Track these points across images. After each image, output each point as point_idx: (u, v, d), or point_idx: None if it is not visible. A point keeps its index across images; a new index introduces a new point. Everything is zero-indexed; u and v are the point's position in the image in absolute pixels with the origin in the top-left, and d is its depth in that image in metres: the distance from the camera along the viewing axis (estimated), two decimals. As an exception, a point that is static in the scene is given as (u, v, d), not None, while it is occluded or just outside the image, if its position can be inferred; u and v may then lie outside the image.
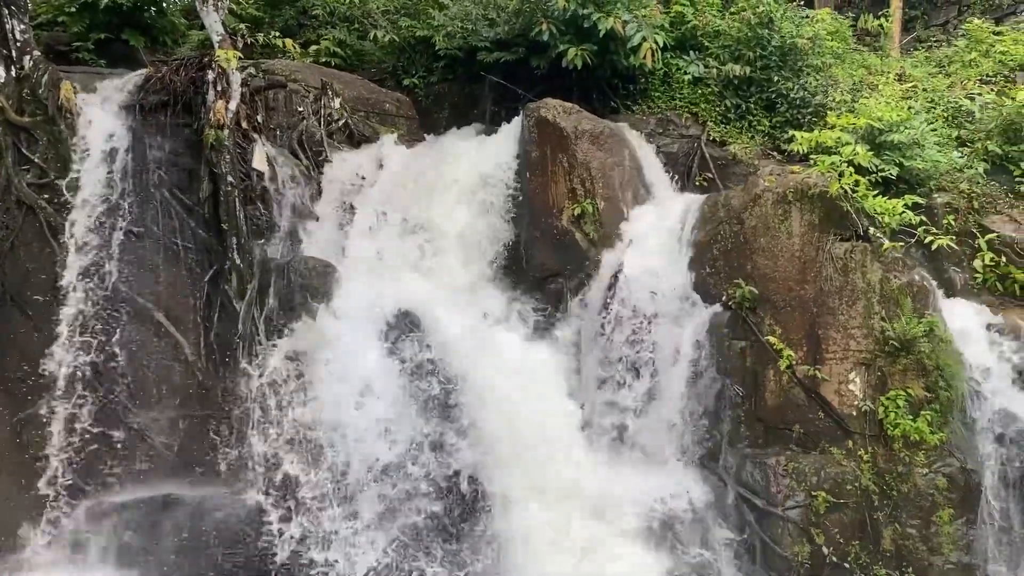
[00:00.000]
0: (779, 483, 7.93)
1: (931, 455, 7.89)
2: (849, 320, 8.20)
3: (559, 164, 9.49)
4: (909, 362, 8.04)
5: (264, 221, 9.13)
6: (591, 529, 7.55)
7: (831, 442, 8.08)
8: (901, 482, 7.83)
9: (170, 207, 8.93)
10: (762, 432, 8.29)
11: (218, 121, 8.80)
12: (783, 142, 10.68)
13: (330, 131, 10.13)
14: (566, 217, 9.44)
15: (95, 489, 8.30)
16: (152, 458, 8.43)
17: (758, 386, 8.32)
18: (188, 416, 8.57)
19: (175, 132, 9.10)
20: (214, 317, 8.73)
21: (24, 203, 8.53)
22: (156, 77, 9.09)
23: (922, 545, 7.73)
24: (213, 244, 8.90)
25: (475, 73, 11.58)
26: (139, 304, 8.62)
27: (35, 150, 8.69)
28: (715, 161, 10.74)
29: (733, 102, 11.24)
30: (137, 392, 8.51)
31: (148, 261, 8.76)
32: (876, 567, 7.70)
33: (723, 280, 8.61)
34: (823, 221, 8.42)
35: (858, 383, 8.11)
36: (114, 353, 8.46)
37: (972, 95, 11.35)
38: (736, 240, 8.61)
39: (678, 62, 11.54)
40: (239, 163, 9.02)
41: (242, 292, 8.57)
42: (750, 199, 8.65)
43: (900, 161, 9.61)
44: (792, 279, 8.39)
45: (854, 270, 8.26)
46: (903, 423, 7.88)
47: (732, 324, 8.45)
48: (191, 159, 9.08)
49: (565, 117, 9.60)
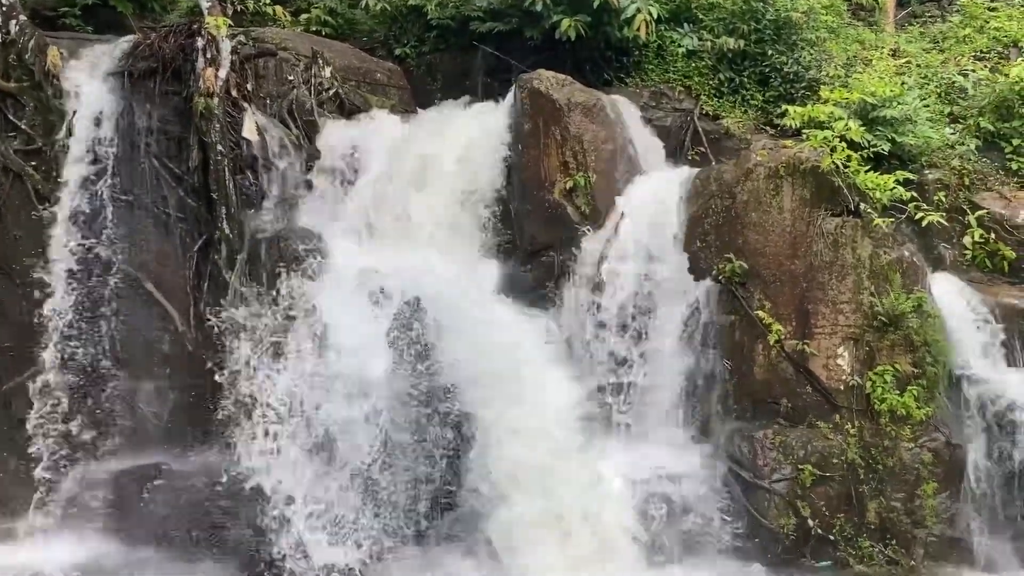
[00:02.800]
0: (766, 456, 8.00)
1: (917, 430, 7.97)
2: (838, 295, 8.23)
3: (551, 137, 9.43)
4: (897, 337, 8.09)
5: (254, 191, 9.06)
6: (580, 498, 7.58)
7: (818, 416, 8.14)
8: (887, 456, 7.91)
9: (159, 176, 8.86)
10: (750, 406, 8.35)
11: (207, 89, 8.71)
12: (776, 116, 10.65)
13: (321, 100, 10.03)
14: (558, 190, 9.40)
15: (85, 458, 8.31)
16: (141, 427, 8.45)
17: (747, 360, 8.37)
18: (177, 386, 8.58)
19: (164, 100, 8.99)
20: (203, 287, 8.70)
21: (11, 170, 8.45)
22: (144, 44, 8.95)
23: (906, 518, 7.83)
24: (202, 213, 8.84)
25: (468, 43, 11.47)
26: (128, 273, 8.59)
27: (22, 116, 8.59)
28: (708, 135, 10.70)
29: (727, 76, 11.18)
30: (126, 361, 8.51)
31: (137, 230, 8.70)
32: (860, 539, 7.80)
33: (714, 255, 8.62)
34: (814, 196, 8.43)
35: (846, 358, 8.16)
36: (103, 322, 8.44)
37: (965, 71, 11.34)
38: (728, 215, 8.61)
39: (672, 35, 11.46)
40: (229, 132, 8.94)
41: (231, 262, 8.53)
42: (742, 173, 8.65)
43: (892, 137, 9.60)
44: (783, 254, 8.40)
45: (844, 245, 8.28)
46: (890, 398, 7.95)
47: (722, 299, 8.47)
48: (180, 127, 8.98)
49: (558, 89, 9.54)
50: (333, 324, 7.81)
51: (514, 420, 7.59)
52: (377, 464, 7.46)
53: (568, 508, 7.44)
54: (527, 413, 7.70)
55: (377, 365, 7.66)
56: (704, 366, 8.38)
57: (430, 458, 7.63)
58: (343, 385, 7.58)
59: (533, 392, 7.84)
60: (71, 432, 8.31)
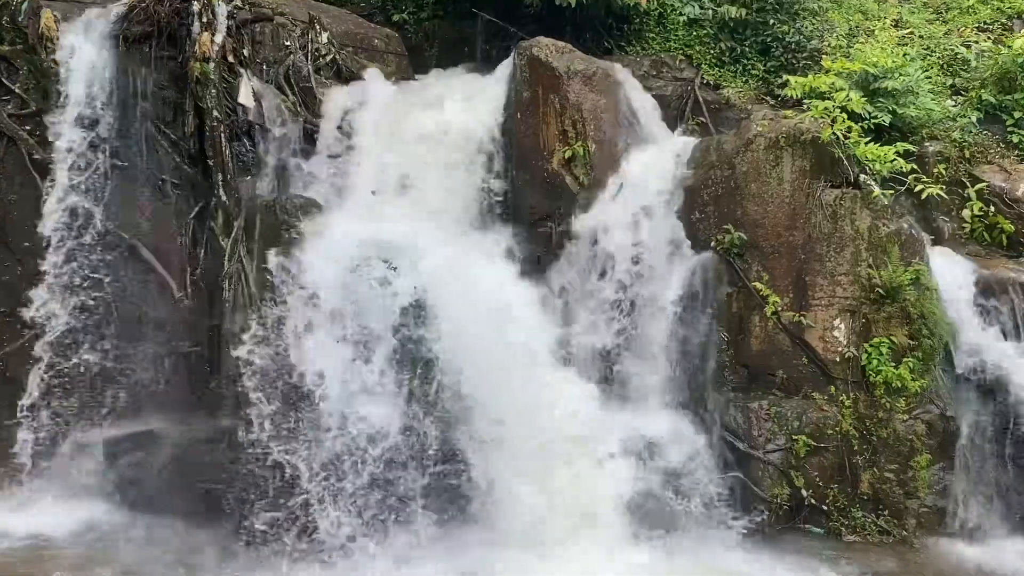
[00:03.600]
0: (761, 427, 8.04)
1: (911, 402, 8.01)
2: (836, 267, 8.23)
3: (550, 105, 9.36)
4: (894, 310, 8.10)
5: (250, 157, 9.01)
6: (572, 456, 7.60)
7: (814, 387, 8.17)
8: (881, 427, 7.95)
9: (155, 141, 8.79)
10: (746, 377, 8.38)
11: (203, 54, 8.62)
12: (777, 87, 10.59)
13: (318, 67, 9.93)
14: (556, 160, 9.35)
15: (82, 424, 8.34)
16: (138, 393, 8.46)
17: (743, 331, 8.38)
18: (174, 352, 8.59)
19: (159, 64, 8.91)
20: (200, 253, 8.68)
21: (5, 134, 8.38)
22: (140, 7, 8.82)
23: (899, 489, 7.89)
24: (199, 180, 8.80)
25: (467, 10, 11.35)
26: (124, 239, 8.55)
27: (15, 80, 8.51)
28: (708, 105, 10.63)
29: (728, 45, 11.10)
30: (123, 327, 8.49)
31: (133, 196, 8.65)
32: (853, 509, 7.86)
33: (713, 225, 8.59)
34: (814, 167, 8.39)
35: (843, 330, 8.18)
36: (99, 288, 8.42)
37: (968, 43, 11.26)
38: (727, 185, 8.58)
39: (673, 2, 11.37)
40: (225, 97, 8.87)
41: (227, 229, 8.49)
42: (742, 144, 8.60)
43: (893, 108, 9.56)
44: (781, 225, 8.38)
45: (843, 217, 8.26)
46: (885, 370, 7.98)
47: (720, 270, 8.46)
48: (176, 92, 8.91)
49: (558, 57, 9.45)
50: (330, 292, 7.78)
51: (507, 396, 7.59)
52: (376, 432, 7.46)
53: (559, 476, 7.46)
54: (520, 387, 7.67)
55: (376, 334, 7.63)
56: (700, 337, 8.38)
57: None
58: (341, 352, 7.56)
59: (528, 363, 7.82)
60: (66, 398, 8.32)
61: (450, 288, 7.83)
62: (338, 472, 7.25)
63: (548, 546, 7.11)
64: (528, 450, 7.40)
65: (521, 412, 7.50)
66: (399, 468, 7.39)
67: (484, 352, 7.63)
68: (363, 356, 7.58)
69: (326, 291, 7.68)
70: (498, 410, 7.50)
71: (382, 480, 7.31)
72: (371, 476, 7.29)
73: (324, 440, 7.29)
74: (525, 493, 7.28)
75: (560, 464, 7.50)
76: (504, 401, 7.50)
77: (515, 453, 7.42)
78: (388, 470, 7.34)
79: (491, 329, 7.66)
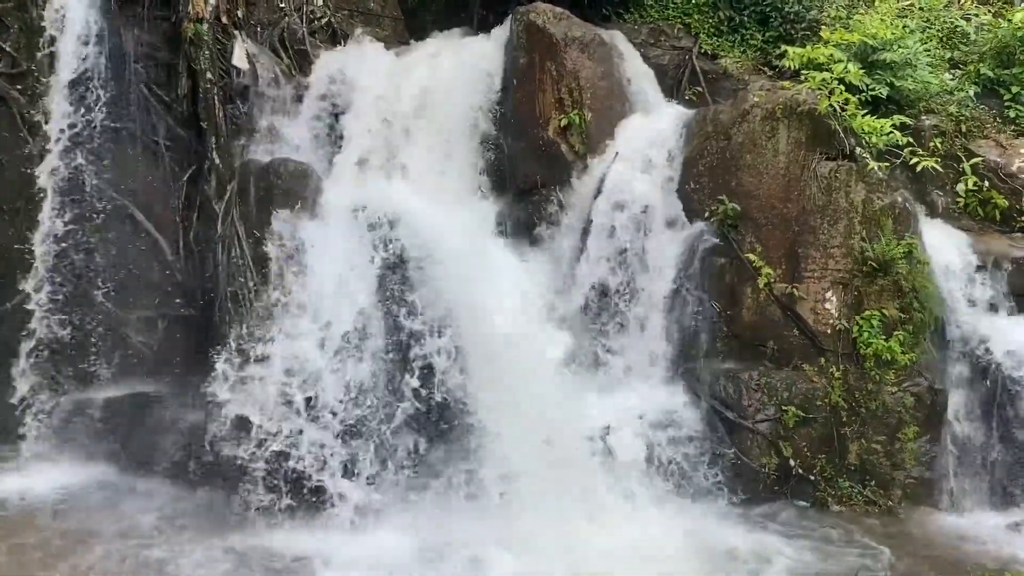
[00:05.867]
0: (751, 397, 8.09)
1: (901, 374, 8.06)
2: (830, 240, 8.24)
3: (547, 72, 9.29)
4: (886, 283, 8.13)
5: (244, 120, 8.95)
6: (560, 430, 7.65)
7: (804, 359, 8.21)
8: (870, 399, 8.01)
9: (148, 103, 8.73)
10: (737, 348, 8.41)
11: (197, 14, 8.54)
12: (775, 57, 10.49)
13: (312, 29, 9.85)
14: (552, 128, 9.30)
15: (75, 387, 8.36)
16: (131, 356, 8.47)
17: (736, 303, 8.40)
18: (167, 315, 8.59)
19: (152, 25, 8.83)
20: (193, 217, 8.66)
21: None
22: (132, -35, 8.75)
23: (886, 460, 7.97)
24: (192, 143, 8.75)
25: (464, -27, 11.23)
26: (116, 201, 8.52)
27: (6, 39, 8.42)
28: (706, 75, 10.56)
29: (727, 14, 10.98)
30: (115, 291, 8.49)
31: (125, 158, 8.61)
32: (840, 480, 7.94)
33: (707, 196, 8.58)
34: (810, 139, 8.36)
35: (834, 302, 8.21)
36: (91, 251, 8.41)
37: (968, 15, 11.18)
38: (722, 156, 8.55)
39: (672, -30, 11.23)
40: (219, 59, 8.80)
41: (221, 192, 8.45)
42: (738, 115, 8.56)
43: (891, 81, 9.50)
44: (776, 197, 8.37)
45: (838, 190, 8.26)
46: (876, 342, 8.02)
47: (714, 241, 8.46)
48: (169, 54, 8.84)
49: (555, 23, 9.36)
50: (322, 257, 7.77)
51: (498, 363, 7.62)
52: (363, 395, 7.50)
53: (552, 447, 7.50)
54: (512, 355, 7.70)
55: (365, 299, 7.65)
56: (693, 307, 8.41)
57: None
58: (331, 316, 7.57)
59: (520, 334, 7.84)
60: (62, 360, 8.33)
61: (440, 251, 7.83)
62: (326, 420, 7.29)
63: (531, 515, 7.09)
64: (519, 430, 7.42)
65: (510, 385, 7.51)
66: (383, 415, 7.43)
67: (473, 315, 7.64)
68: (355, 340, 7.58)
69: (317, 257, 7.68)
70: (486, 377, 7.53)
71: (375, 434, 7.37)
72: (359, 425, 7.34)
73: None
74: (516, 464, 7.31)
75: (550, 433, 7.55)
76: (492, 365, 7.52)
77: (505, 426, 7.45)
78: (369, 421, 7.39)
79: (480, 296, 7.67)
